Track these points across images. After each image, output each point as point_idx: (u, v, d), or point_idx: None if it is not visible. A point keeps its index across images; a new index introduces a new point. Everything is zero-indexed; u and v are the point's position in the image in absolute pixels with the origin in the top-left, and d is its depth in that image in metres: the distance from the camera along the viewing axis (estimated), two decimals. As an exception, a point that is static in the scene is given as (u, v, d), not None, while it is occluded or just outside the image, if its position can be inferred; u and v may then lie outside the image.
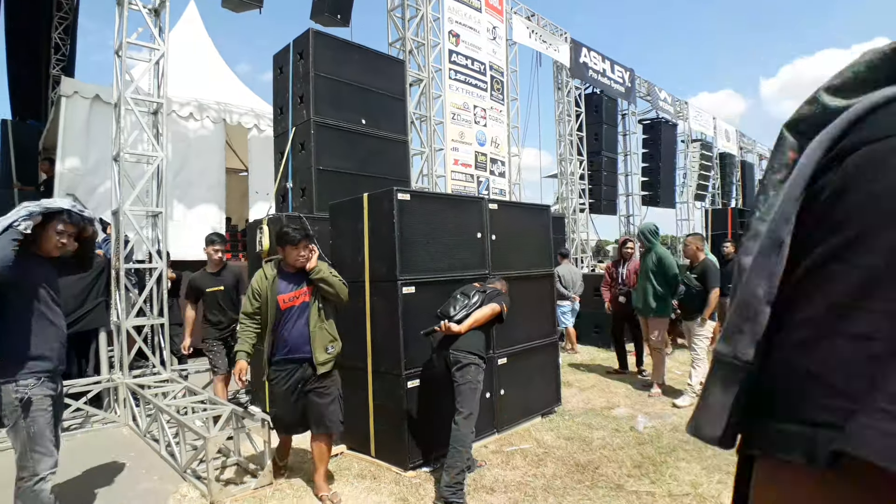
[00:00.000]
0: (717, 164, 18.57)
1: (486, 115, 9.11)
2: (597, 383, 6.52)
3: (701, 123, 17.70)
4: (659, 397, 5.80)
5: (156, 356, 5.55)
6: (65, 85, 6.68)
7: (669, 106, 16.18)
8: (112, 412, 5.22)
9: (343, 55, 5.27)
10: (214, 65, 9.80)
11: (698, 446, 4.32)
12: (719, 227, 12.34)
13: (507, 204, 5.46)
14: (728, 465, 3.93)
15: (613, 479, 3.73)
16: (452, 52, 8.54)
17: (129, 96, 5.43)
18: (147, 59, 5.82)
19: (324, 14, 6.82)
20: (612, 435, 4.66)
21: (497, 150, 9.29)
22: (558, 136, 12.17)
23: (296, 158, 5.18)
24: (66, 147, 6.57)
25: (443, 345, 3.61)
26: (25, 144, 8.50)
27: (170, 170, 6.60)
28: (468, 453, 3.48)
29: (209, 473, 3.46)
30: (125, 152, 5.43)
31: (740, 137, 20.98)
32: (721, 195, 18.77)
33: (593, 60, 12.64)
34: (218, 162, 7.88)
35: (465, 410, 3.46)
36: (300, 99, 5.08)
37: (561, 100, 12.09)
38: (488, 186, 9.01)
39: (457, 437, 3.41)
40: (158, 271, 5.55)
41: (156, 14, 5.79)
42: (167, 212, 5.85)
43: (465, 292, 3.70)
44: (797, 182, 0.38)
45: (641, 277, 6.12)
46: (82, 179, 6.71)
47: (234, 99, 8.51)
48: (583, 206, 12.41)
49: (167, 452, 4.16)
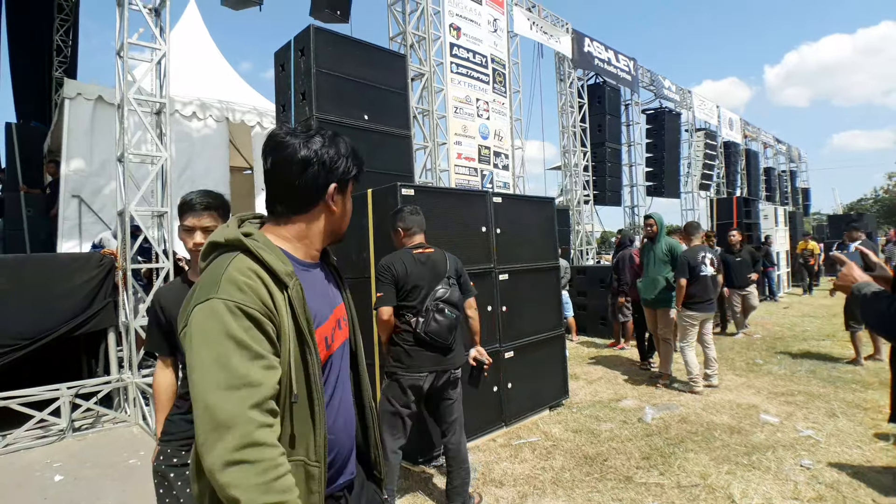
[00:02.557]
0: (722, 153, 18.45)
1: (488, 108, 9.07)
2: (604, 375, 6.52)
3: (705, 112, 17.58)
4: (666, 388, 5.79)
5: (164, 355, 5.57)
6: (68, 87, 6.69)
7: (674, 94, 16.08)
8: (122, 412, 5.27)
9: (344, 51, 5.25)
10: (216, 63, 9.79)
11: (706, 437, 4.32)
12: (724, 217, 12.28)
13: (512, 197, 5.45)
14: (736, 455, 3.93)
15: (622, 471, 3.74)
16: (453, 45, 8.50)
17: (131, 97, 5.44)
18: (149, 60, 5.81)
19: (323, 10, 6.79)
20: (620, 427, 4.66)
21: (500, 143, 9.27)
22: (561, 127, 12.12)
23: (299, 156, 5.17)
24: (70, 149, 6.59)
25: (437, 361, 3.04)
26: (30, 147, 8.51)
27: (174, 170, 6.61)
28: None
29: (220, 471, 3.48)
30: (129, 153, 5.44)
31: (745, 126, 20.83)
32: (726, 184, 18.66)
33: (597, 50, 12.57)
34: (222, 160, 7.88)
35: (461, 428, 3.19)
36: (302, 96, 5.07)
37: (563, 91, 12.03)
38: (492, 180, 8.99)
39: (465, 456, 3.17)
40: (165, 271, 5.57)
41: (156, 14, 5.78)
42: (172, 212, 5.86)
43: (449, 300, 3.07)
44: None
45: (650, 268, 6.08)
46: (87, 180, 6.72)
47: (237, 97, 8.50)
48: (587, 197, 12.36)
49: (178, 451, 4.19)
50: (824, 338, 8.42)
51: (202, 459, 0.97)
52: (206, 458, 0.96)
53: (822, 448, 4.05)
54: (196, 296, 1.10)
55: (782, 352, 7.46)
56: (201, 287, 1.11)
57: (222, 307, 1.05)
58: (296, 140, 1.22)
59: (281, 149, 1.22)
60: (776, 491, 3.38)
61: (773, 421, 4.66)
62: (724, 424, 4.62)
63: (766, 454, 3.94)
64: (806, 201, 27.86)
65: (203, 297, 1.07)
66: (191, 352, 1.04)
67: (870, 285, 1.76)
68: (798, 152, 27.34)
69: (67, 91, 6.61)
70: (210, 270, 1.13)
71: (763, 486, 3.44)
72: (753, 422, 4.67)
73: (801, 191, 27.37)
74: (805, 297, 14.12)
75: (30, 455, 4.41)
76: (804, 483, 3.48)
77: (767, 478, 3.56)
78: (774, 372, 6.35)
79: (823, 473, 3.60)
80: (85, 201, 6.64)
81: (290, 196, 1.24)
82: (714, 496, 3.34)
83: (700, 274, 5.66)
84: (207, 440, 0.96)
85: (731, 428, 4.52)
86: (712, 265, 5.72)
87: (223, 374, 1.00)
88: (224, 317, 1.04)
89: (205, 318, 1.05)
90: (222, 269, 1.10)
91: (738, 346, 7.95)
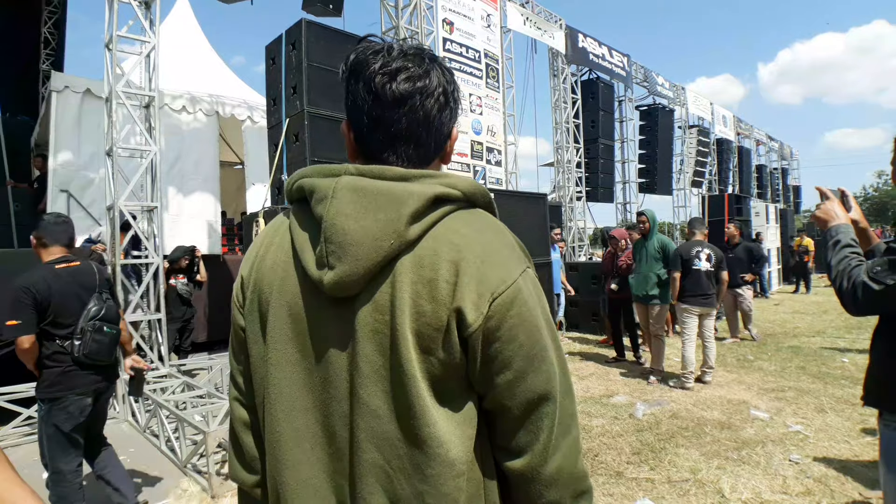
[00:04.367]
0: (715, 150, 18.50)
1: (481, 103, 9.05)
2: (595, 371, 6.54)
3: (699, 108, 17.62)
4: (658, 384, 5.82)
5: (154, 352, 5.54)
6: (55, 80, 6.61)
7: (668, 91, 16.10)
8: (111, 408, 5.22)
9: (336, 45, 5.21)
10: (206, 57, 9.71)
11: (697, 433, 4.34)
12: (716, 214, 12.33)
13: (504, 193, 5.44)
14: (726, 450, 3.95)
15: (613, 467, 3.75)
16: (447, 40, 8.47)
17: (120, 90, 5.38)
18: (138, 53, 5.76)
19: (316, 4, 6.74)
20: (612, 422, 4.67)
21: (493, 138, 9.24)
22: (554, 123, 12.10)
23: (290, 150, 5.13)
24: (58, 142, 6.52)
25: (98, 379, 2.96)
26: (17, 141, 8.42)
27: (164, 163, 6.56)
28: None
29: (209, 468, 3.46)
30: (118, 147, 5.39)
31: (737, 123, 20.91)
32: (718, 181, 18.73)
33: (591, 46, 12.56)
34: (212, 155, 7.83)
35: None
36: (293, 90, 5.03)
37: (557, 87, 12.01)
38: (485, 175, 8.97)
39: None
40: (155, 266, 5.53)
41: (146, 6, 5.72)
42: (162, 206, 5.82)
43: (106, 317, 2.95)
44: None
45: (642, 265, 6.11)
46: (76, 174, 6.66)
47: (227, 91, 8.44)
48: (580, 194, 12.37)
49: (167, 447, 4.17)
50: (815, 334, 8.48)
51: (547, 464, 0.82)
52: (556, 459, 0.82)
53: (810, 443, 4.07)
54: (505, 260, 0.81)
55: (773, 348, 7.51)
56: (501, 248, 0.82)
57: (538, 283, 0.87)
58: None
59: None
60: (765, 485, 3.40)
61: (762, 416, 4.68)
62: (715, 420, 4.64)
63: (756, 449, 3.96)
64: (797, 199, 28.03)
65: (521, 266, 0.83)
66: (531, 333, 0.80)
67: (847, 232, 1.74)
68: (790, 150, 27.49)
69: (55, 84, 6.53)
70: (485, 229, 0.84)
71: (752, 481, 3.45)
72: (744, 417, 4.69)
73: (792, 188, 27.53)
74: (796, 295, 14.23)
75: (18, 452, 4.36)
76: (793, 477, 3.50)
77: (757, 472, 3.58)
78: (765, 368, 6.39)
79: (812, 468, 3.62)
80: (73, 196, 6.58)
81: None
82: (704, 491, 3.35)
83: (692, 268, 5.69)
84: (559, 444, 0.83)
85: (722, 423, 4.54)
86: (707, 260, 5.73)
87: (565, 371, 0.87)
88: (543, 297, 0.85)
89: (538, 294, 0.84)
90: (505, 231, 0.87)
91: (728, 343, 7.99)
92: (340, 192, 0.81)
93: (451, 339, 0.77)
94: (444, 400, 0.80)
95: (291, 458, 0.86)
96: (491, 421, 0.85)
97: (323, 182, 0.84)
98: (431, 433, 0.77)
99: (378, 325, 0.79)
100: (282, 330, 0.87)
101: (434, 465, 0.77)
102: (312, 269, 0.82)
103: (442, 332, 0.77)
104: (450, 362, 0.78)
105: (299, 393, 0.86)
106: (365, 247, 0.77)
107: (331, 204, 0.81)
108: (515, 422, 0.81)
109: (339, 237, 0.79)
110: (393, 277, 0.79)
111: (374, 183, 0.81)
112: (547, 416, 0.81)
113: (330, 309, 0.83)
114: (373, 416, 0.79)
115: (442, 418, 0.78)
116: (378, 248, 0.77)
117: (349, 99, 0.90)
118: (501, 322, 0.77)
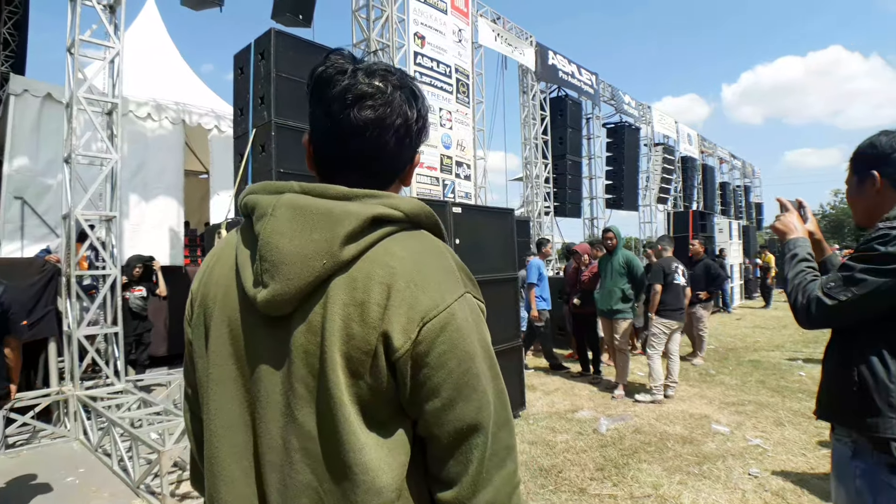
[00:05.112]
0: (679, 168, 18.98)
1: (451, 117, 9.10)
2: (561, 386, 6.57)
3: (664, 127, 18.07)
4: (622, 399, 5.87)
5: (109, 367, 5.35)
6: (14, 83, 6.40)
7: (633, 110, 16.48)
8: (62, 426, 5.00)
9: (305, 56, 5.17)
10: (174, 64, 9.55)
11: (659, 448, 4.38)
12: (681, 230, 12.62)
13: (471, 207, 5.45)
14: (688, 465, 4.00)
15: (576, 483, 3.75)
16: (417, 53, 8.50)
17: (81, 96, 5.23)
18: (101, 58, 5.61)
19: (285, 14, 6.69)
20: (576, 438, 4.69)
21: (463, 152, 9.30)
22: (524, 139, 12.25)
23: (256, 161, 5.06)
24: (14, 147, 6.29)
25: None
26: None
27: (126, 171, 6.40)
28: None
29: (163, 488, 3.34)
30: (77, 154, 5.23)
31: (702, 141, 21.51)
32: (683, 198, 19.19)
33: (561, 63, 12.79)
34: (176, 163, 7.66)
35: None
36: (261, 100, 4.97)
37: (526, 103, 12.17)
38: (454, 189, 9.00)
39: None
40: (112, 278, 5.36)
41: (111, 11, 5.60)
42: (122, 215, 5.66)
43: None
44: None
45: (607, 280, 6.20)
46: (32, 181, 6.43)
47: (194, 99, 8.29)
48: (548, 208, 12.52)
49: (120, 467, 4.01)
50: (774, 348, 8.70)
51: (476, 497, 0.78)
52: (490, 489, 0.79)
53: (769, 456, 4.16)
54: (439, 285, 0.78)
55: (734, 362, 7.67)
56: (437, 272, 0.80)
57: (478, 309, 0.84)
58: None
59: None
60: (725, 500, 3.45)
61: (723, 431, 4.76)
62: (677, 435, 4.70)
63: (717, 464, 4.02)
64: (759, 216, 28.91)
65: (457, 291, 0.80)
66: (462, 361, 0.77)
67: (804, 246, 1.79)
68: (752, 168, 28.39)
69: (13, 87, 6.33)
70: (423, 252, 0.82)
71: (713, 496, 3.50)
72: (705, 432, 4.77)
73: (754, 205, 28.41)
74: (757, 310, 14.60)
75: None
76: (752, 491, 3.56)
77: (717, 487, 3.63)
78: (726, 382, 6.52)
79: (770, 481, 3.69)
80: (28, 203, 6.35)
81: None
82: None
83: (673, 282, 5.87)
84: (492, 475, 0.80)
85: (684, 438, 4.61)
86: (683, 276, 5.99)
87: (503, 402, 0.83)
88: (483, 324, 0.84)
89: (475, 321, 0.81)
90: (446, 254, 0.86)
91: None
92: (280, 209, 0.80)
93: (378, 364, 0.75)
94: (374, 425, 0.77)
95: (229, 475, 0.84)
96: (425, 448, 0.83)
97: (265, 199, 0.83)
98: (357, 459, 0.74)
99: (310, 347, 0.77)
100: (223, 346, 0.86)
101: (359, 492, 0.74)
102: (249, 286, 0.81)
103: (370, 356, 0.75)
104: (378, 387, 0.76)
105: (238, 409, 0.84)
106: (297, 266, 0.76)
107: (268, 222, 0.80)
108: (445, 451, 0.79)
109: (272, 255, 0.77)
110: (326, 298, 0.77)
111: (314, 201, 0.79)
112: (477, 447, 0.78)
113: (266, 327, 0.82)
114: (307, 438, 0.78)
115: (371, 444, 0.76)
116: (310, 268, 0.76)
117: (311, 113, 0.90)
118: (431, 348, 0.75)
